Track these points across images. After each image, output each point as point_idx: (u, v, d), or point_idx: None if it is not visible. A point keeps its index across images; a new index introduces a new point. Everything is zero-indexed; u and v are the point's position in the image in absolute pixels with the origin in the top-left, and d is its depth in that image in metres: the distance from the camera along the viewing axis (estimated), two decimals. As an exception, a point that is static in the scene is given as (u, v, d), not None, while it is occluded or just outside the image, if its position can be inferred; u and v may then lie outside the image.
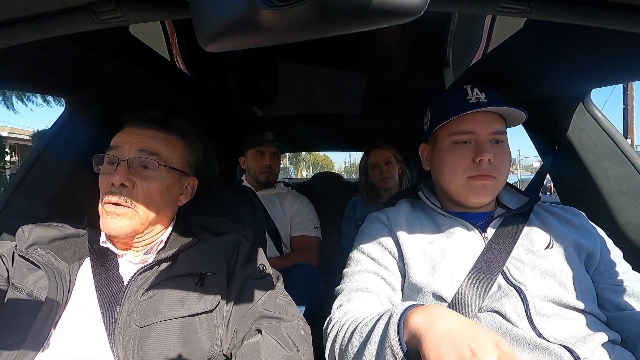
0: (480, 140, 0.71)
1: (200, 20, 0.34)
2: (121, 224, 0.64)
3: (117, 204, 0.64)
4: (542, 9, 0.42)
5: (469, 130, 0.71)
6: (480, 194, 0.72)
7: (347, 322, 0.61)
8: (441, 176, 0.77)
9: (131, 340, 0.58)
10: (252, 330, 0.63)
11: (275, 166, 1.60)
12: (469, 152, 0.71)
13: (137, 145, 0.67)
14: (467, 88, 0.72)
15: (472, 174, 0.70)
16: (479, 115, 0.70)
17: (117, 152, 0.67)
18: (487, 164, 0.69)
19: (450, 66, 1.29)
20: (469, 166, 0.71)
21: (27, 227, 0.68)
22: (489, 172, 0.69)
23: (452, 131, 0.73)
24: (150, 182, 0.67)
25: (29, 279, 0.62)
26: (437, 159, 0.78)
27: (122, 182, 0.64)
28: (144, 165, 0.67)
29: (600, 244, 0.70)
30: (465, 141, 0.72)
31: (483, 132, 0.71)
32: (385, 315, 0.53)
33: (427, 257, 0.69)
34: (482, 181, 0.70)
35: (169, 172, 0.70)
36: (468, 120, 0.70)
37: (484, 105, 0.69)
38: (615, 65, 0.71)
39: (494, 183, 0.71)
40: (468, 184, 0.71)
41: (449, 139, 0.73)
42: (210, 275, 0.66)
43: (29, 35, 0.44)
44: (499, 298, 0.62)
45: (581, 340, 0.57)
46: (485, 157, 0.68)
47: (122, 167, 0.65)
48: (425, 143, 0.84)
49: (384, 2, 0.29)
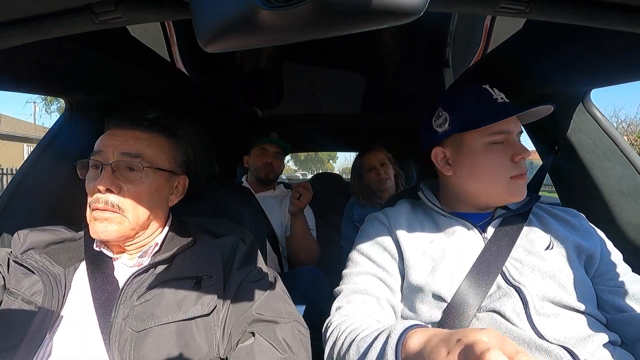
0: (512, 139, 0.71)
1: (200, 20, 0.34)
2: (110, 229, 0.63)
3: (104, 210, 0.63)
4: (542, 9, 0.42)
5: (506, 130, 0.70)
6: (522, 192, 0.71)
7: (345, 330, 0.60)
8: (476, 179, 0.73)
9: (127, 344, 0.57)
10: (246, 333, 0.63)
11: (276, 165, 1.60)
12: (506, 151, 0.70)
13: (120, 148, 0.65)
14: (487, 88, 0.73)
15: (514, 174, 0.69)
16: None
17: (101, 157, 0.65)
18: (523, 162, 0.70)
19: (450, 66, 1.29)
20: (510, 166, 0.70)
21: (23, 232, 0.68)
22: (526, 169, 0.70)
23: (488, 132, 0.70)
24: (136, 185, 0.65)
25: (23, 284, 0.61)
26: (467, 162, 0.73)
27: (107, 188, 0.62)
28: (129, 167, 0.65)
29: (600, 245, 0.70)
30: (500, 141, 0.71)
31: (516, 130, 0.71)
32: (384, 334, 0.52)
33: (428, 257, 0.69)
34: (523, 180, 0.70)
35: (155, 173, 0.69)
36: (505, 120, 0.69)
37: (513, 107, 0.70)
38: (615, 66, 0.71)
39: (526, 181, 0.72)
40: (511, 185, 0.70)
41: (483, 140, 0.71)
42: (207, 278, 0.65)
43: (29, 36, 0.44)
44: (499, 298, 0.62)
45: (581, 341, 0.57)
46: (525, 155, 0.69)
47: (106, 172, 0.63)
48: (440, 146, 0.78)
49: (384, 2, 0.29)
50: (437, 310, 0.64)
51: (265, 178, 1.58)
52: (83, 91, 0.94)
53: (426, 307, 0.66)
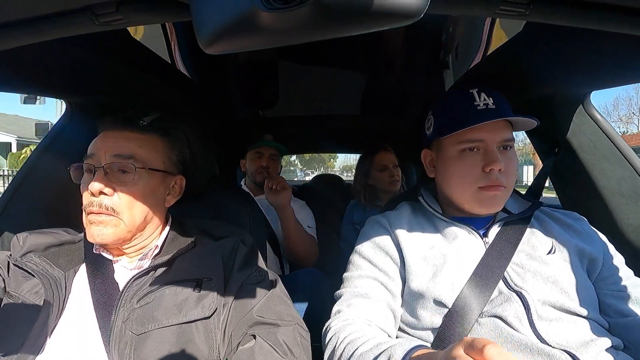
0: (489, 148, 0.67)
1: (200, 22, 0.34)
2: (105, 232, 0.62)
3: (99, 213, 0.62)
4: (542, 11, 0.42)
5: (478, 139, 0.68)
6: (490, 205, 0.69)
7: (344, 340, 0.59)
8: (448, 185, 0.73)
9: (127, 347, 0.57)
10: (247, 336, 0.62)
11: (273, 168, 1.60)
12: (478, 160, 0.68)
13: (112, 150, 0.64)
14: (474, 93, 0.69)
15: (482, 185, 0.67)
16: (489, 123, 0.66)
17: (93, 160, 0.64)
18: (498, 173, 0.66)
19: (450, 68, 1.29)
20: (478, 176, 0.67)
21: (22, 234, 0.67)
22: (500, 181, 0.66)
23: (459, 139, 0.69)
24: (130, 186, 0.64)
25: (23, 287, 0.61)
26: (442, 168, 0.74)
27: (100, 191, 0.62)
28: (122, 169, 0.64)
29: (602, 249, 0.69)
30: (473, 148, 0.68)
31: (492, 139, 0.67)
32: (384, 356, 0.52)
33: (429, 263, 0.69)
34: (493, 192, 0.67)
35: (150, 174, 0.67)
36: (477, 128, 0.66)
37: (493, 113, 0.66)
38: (615, 68, 0.71)
39: (504, 193, 0.69)
40: (478, 195, 0.68)
41: (456, 147, 0.70)
42: (207, 281, 0.64)
43: (30, 37, 0.44)
44: (500, 303, 0.62)
45: (584, 345, 0.56)
46: (496, 167, 0.66)
47: (99, 175, 0.62)
48: (428, 149, 0.80)
49: (384, 4, 0.29)
50: (438, 316, 0.64)
51: (262, 182, 1.57)
52: (84, 92, 0.94)
53: (427, 312, 0.65)
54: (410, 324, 0.68)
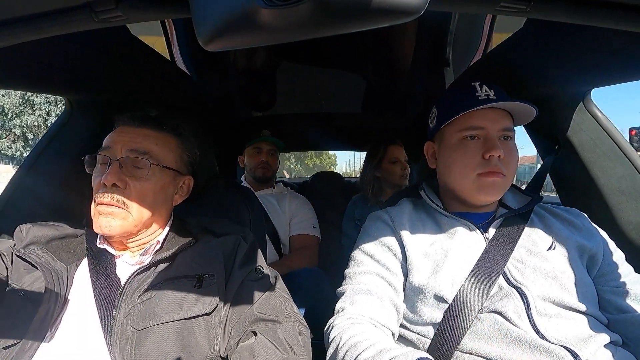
0: (489, 135, 0.69)
1: (200, 19, 0.34)
2: (113, 224, 0.63)
3: (109, 204, 0.63)
4: (542, 8, 0.42)
5: (478, 126, 0.69)
6: (490, 191, 0.70)
7: (347, 342, 0.59)
8: (449, 174, 0.75)
9: (128, 342, 0.57)
10: (247, 332, 0.63)
11: (272, 162, 1.62)
12: (478, 148, 0.69)
13: (128, 145, 0.66)
14: (476, 85, 0.72)
15: (482, 171, 0.68)
16: (489, 111, 0.69)
17: (109, 152, 0.66)
18: (497, 160, 0.68)
19: (451, 66, 1.28)
20: (478, 163, 0.69)
21: (25, 226, 0.68)
22: (499, 168, 0.68)
23: (461, 127, 0.71)
24: (142, 181, 0.66)
25: (25, 280, 0.61)
26: (444, 157, 0.76)
27: (113, 182, 0.63)
28: (136, 165, 0.66)
29: (602, 245, 0.69)
30: (474, 136, 0.70)
31: (493, 127, 0.69)
32: None
33: (430, 258, 0.69)
34: (492, 178, 0.68)
35: (162, 172, 0.69)
36: (478, 116, 0.69)
37: (495, 101, 0.69)
38: (616, 65, 0.71)
39: (504, 181, 0.70)
40: (478, 181, 0.69)
41: (457, 135, 0.72)
42: (208, 277, 0.65)
43: (29, 34, 0.44)
44: (500, 299, 0.62)
45: (583, 341, 0.56)
46: (495, 153, 0.67)
47: (113, 167, 0.64)
48: (431, 141, 0.82)
49: (384, 1, 0.29)
50: (438, 311, 0.64)
51: (262, 176, 1.59)
52: (84, 90, 0.94)
53: (428, 308, 0.66)
54: (411, 319, 0.68)
